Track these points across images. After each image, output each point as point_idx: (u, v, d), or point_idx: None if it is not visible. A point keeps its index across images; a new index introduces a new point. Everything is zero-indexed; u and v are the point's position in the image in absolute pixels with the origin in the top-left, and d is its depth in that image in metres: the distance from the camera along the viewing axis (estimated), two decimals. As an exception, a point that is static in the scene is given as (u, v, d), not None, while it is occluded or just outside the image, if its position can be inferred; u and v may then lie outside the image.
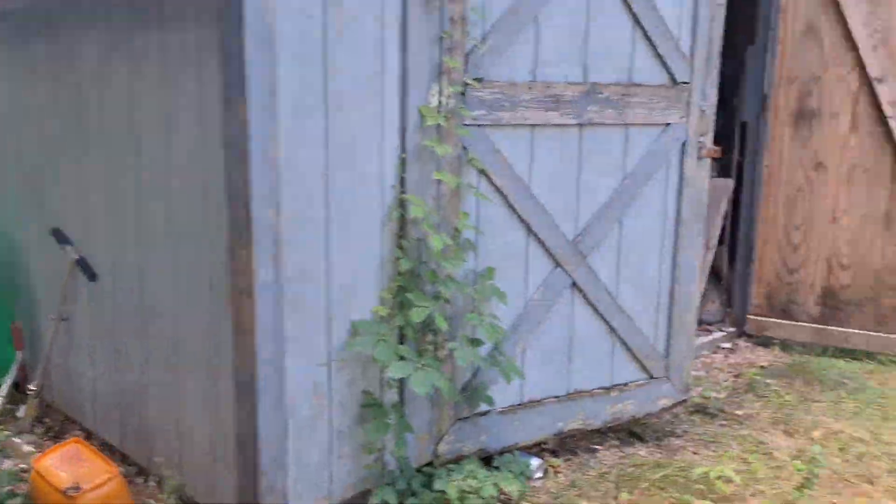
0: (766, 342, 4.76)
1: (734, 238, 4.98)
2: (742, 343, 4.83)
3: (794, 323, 4.67)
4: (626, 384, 3.34)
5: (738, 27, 4.82)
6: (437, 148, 2.55)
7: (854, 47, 4.29)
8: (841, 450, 3.27)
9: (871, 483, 3.01)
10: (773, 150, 4.62)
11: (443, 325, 2.51)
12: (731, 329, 4.90)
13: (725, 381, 4.24)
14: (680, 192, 3.30)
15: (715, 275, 5.15)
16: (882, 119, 4.28)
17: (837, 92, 4.39)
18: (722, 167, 5.10)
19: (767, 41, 4.54)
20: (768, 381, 4.15)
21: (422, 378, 2.37)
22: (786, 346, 4.67)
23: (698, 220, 3.41)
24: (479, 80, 2.69)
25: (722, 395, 3.98)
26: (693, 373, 4.39)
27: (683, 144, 3.26)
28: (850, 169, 4.43)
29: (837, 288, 4.54)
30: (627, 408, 3.35)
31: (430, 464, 2.81)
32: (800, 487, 2.72)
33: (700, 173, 3.34)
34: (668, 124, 3.20)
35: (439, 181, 2.62)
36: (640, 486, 2.88)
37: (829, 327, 4.56)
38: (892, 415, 3.63)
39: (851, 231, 4.45)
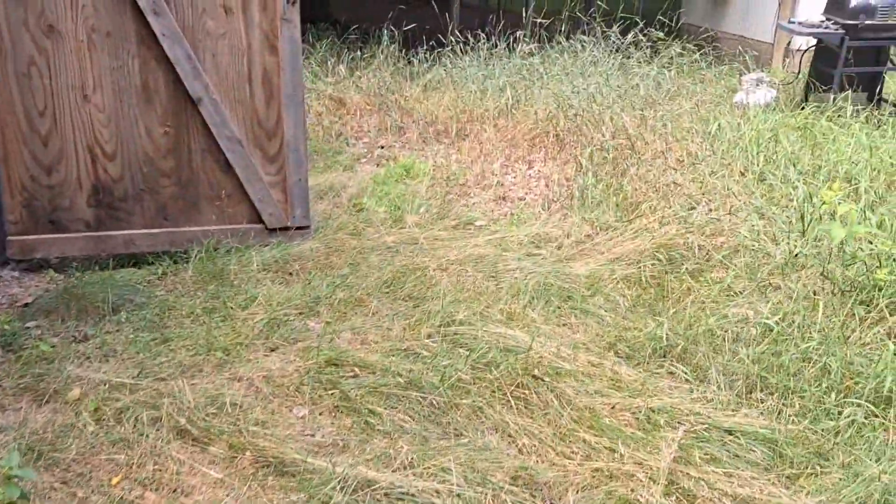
0: (38, 267, 3.70)
1: (-35, 136, 3.62)
2: (8, 274, 3.66)
3: (66, 235, 3.70)
4: None
5: None
6: None
7: None
8: (97, 411, 2.50)
9: (132, 447, 2.33)
10: (-18, 8, 3.34)
11: None
12: (-9, 258, 3.68)
13: (-32, 340, 3.07)
14: None
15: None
16: (112, -33, 3.40)
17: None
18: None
19: None
20: (29, 324, 3.13)
21: None
22: (63, 266, 3.69)
23: None
24: None
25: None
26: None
27: None
28: (90, 34, 3.49)
29: (109, 183, 3.69)
30: None
31: None
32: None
33: None
34: None
35: None
36: None
37: (110, 232, 3.73)
38: (174, 333, 3.03)
39: (108, 110, 3.59)
